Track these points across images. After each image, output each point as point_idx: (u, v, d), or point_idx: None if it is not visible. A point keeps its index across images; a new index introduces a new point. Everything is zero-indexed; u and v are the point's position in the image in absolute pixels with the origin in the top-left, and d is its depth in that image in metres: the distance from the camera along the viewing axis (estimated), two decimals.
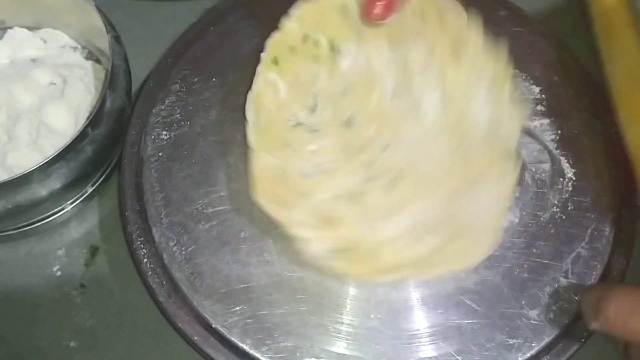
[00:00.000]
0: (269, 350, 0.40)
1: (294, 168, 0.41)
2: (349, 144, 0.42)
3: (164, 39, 0.53)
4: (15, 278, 0.46)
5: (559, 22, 0.55)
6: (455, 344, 0.41)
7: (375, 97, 0.42)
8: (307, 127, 0.42)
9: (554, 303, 0.42)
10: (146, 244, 0.44)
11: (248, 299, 0.42)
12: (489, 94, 0.42)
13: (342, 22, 0.43)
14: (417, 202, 0.40)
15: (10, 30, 0.51)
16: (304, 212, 0.39)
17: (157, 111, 0.47)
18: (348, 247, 0.39)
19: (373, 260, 0.39)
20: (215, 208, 0.45)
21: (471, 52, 0.43)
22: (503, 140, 0.42)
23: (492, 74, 0.42)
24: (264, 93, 0.42)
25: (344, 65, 0.43)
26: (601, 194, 0.46)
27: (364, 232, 0.39)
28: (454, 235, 0.39)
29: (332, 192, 0.40)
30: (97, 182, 0.47)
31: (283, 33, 0.43)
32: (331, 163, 0.41)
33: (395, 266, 0.39)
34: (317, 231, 0.39)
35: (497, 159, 0.41)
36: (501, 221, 0.41)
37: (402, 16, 0.43)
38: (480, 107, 0.42)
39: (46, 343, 0.44)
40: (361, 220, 0.39)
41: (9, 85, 0.47)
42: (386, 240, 0.39)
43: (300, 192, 0.40)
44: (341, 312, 0.42)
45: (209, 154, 0.46)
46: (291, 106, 0.42)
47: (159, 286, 0.43)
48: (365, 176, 0.41)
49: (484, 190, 0.41)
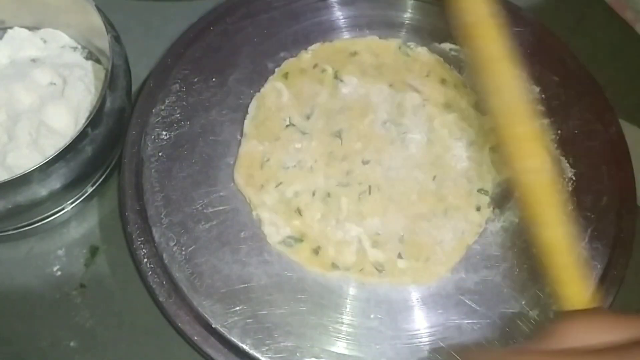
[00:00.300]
0: (269, 350, 0.40)
1: (276, 159, 0.46)
2: (333, 151, 0.46)
3: (164, 39, 0.53)
4: (15, 278, 0.46)
5: (559, 22, 0.55)
6: (455, 344, 0.41)
7: (367, 121, 0.48)
8: (299, 129, 0.47)
9: (554, 303, 0.42)
10: (146, 244, 0.44)
11: (248, 299, 0.42)
12: (467, 150, 0.47)
13: (350, 62, 0.50)
14: (378, 217, 0.44)
15: (10, 30, 0.51)
16: (275, 198, 0.45)
17: (157, 111, 0.47)
18: (299, 237, 0.44)
19: (314, 254, 0.43)
20: (215, 208, 0.45)
21: (456, 117, 0.48)
22: (480, 181, 0.46)
23: (473, 139, 0.47)
24: (268, 95, 0.48)
25: (344, 91, 0.49)
26: (601, 194, 0.46)
27: (318, 228, 0.44)
28: (410, 253, 0.44)
29: (304, 187, 0.45)
30: (97, 182, 0.47)
31: (298, 59, 0.50)
32: (312, 162, 0.46)
33: (332, 265, 0.43)
34: (281, 217, 0.44)
35: (475, 193, 0.46)
36: (465, 247, 0.44)
37: (408, 70, 0.50)
38: (457, 157, 0.47)
39: (46, 343, 0.44)
40: (320, 218, 0.44)
41: (9, 85, 0.47)
42: (335, 241, 0.44)
43: (276, 181, 0.45)
44: (341, 312, 0.42)
45: (209, 154, 0.46)
46: (289, 110, 0.48)
47: (159, 286, 0.43)
48: (340, 181, 0.45)
49: (454, 218, 0.45)
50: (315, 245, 0.44)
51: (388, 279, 0.43)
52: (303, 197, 0.45)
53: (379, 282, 0.43)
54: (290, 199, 0.45)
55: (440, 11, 0.52)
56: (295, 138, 0.47)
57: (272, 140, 0.47)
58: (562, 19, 0.57)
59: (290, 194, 0.45)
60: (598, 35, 0.57)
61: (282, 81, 0.49)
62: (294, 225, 0.44)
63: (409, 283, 0.43)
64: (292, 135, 0.47)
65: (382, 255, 0.43)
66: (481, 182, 0.46)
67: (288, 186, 0.45)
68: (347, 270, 0.43)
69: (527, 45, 0.51)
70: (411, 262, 0.43)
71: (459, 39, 0.42)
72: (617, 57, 0.56)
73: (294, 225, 0.44)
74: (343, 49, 0.50)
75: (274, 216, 0.44)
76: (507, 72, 0.39)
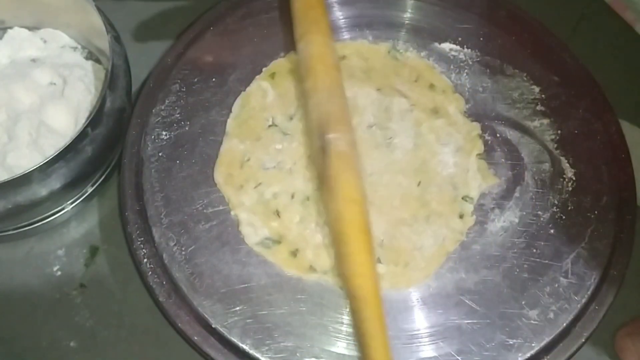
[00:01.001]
0: (269, 350, 0.40)
1: (256, 159, 0.46)
2: (313, 153, 0.45)
3: (164, 39, 0.53)
4: (15, 278, 0.46)
5: (559, 22, 0.55)
6: (455, 344, 0.41)
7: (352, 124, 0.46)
8: (280, 129, 0.47)
9: (554, 303, 0.42)
10: (146, 244, 0.44)
11: (248, 299, 0.42)
12: (454, 156, 0.47)
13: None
14: None
15: (10, 30, 0.51)
16: (253, 199, 0.45)
17: (157, 111, 0.47)
18: (277, 239, 0.44)
19: (292, 256, 0.43)
20: (215, 208, 0.45)
21: (444, 123, 0.48)
22: (465, 188, 0.46)
23: (460, 145, 0.47)
24: (254, 94, 0.48)
25: None
26: (601, 194, 0.46)
27: (296, 230, 0.44)
28: (389, 257, 0.43)
29: (283, 188, 0.45)
30: (97, 182, 0.47)
31: (286, 59, 0.50)
32: (291, 164, 0.46)
33: (309, 268, 0.43)
34: (259, 218, 0.44)
35: (459, 200, 0.45)
36: (445, 253, 0.44)
37: (397, 75, 0.49)
38: (444, 163, 0.47)
39: (46, 343, 0.44)
40: (299, 221, 0.44)
41: (9, 85, 0.47)
42: (313, 244, 0.43)
43: (256, 181, 0.45)
44: (341, 312, 0.42)
45: (209, 154, 0.46)
46: (273, 110, 0.48)
47: (159, 286, 0.43)
48: (319, 185, 0.44)
49: (436, 224, 0.44)
50: (293, 248, 0.43)
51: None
52: (282, 198, 0.45)
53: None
54: (269, 200, 0.45)
55: (441, 11, 0.52)
56: (276, 138, 0.47)
57: (253, 140, 0.46)
58: (562, 19, 0.57)
59: (269, 195, 0.45)
60: (598, 35, 0.57)
61: (268, 81, 0.49)
62: (272, 227, 0.44)
63: (387, 288, 0.42)
64: (273, 136, 0.47)
65: None
66: (466, 189, 0.46)
67: (267, 187, 0.45)
68: (325, 274, 0.43)
69: (527, 45, 0.51)
70: (390, 267, 0.43)
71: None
72: (617, 57, 0.56)
73: (272, 226, 0.44)
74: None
75: (252, 217, 0.44)
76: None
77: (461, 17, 0.52)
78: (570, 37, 0.56)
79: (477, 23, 0.52)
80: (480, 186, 0.46)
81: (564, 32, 0.54)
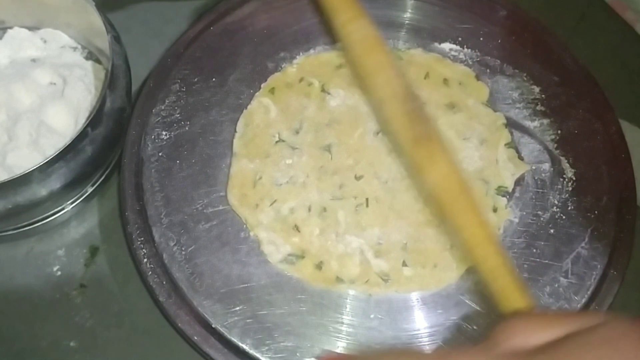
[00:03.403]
0: (269, 350, 0.40)
1: (269, 176, 0.45)
2: (324, 166, 0.46)
3: (164, 39, 0.53)
4: (15, 278, 0.46)
5: (559, 22, 0.55)
6: (455, 344, 0.41)
7: (357, 134, 0.47)
8: (288, 144, 0.47)
9: (554, 303, 0.42)
10: (146, 244, 0.44)
11: (248, 299, 0.42)
12: (479, 149, 0.46)
13: (335, 74, 0.49)
14: (378, 227, 0.44)
15: (10, 30, 0.51)
16: (270, 217, 0.44)
17: (157, 111, 0.47)
18: (300, 254, 0.43)
19: (317, 269, 0.43)
20: (215, 208, 0.45)
21: (463, 117, 0.47)
22: (498, 180, 0.45)
23: (484, 137, 0.47)
24: (256, 112, 0.48)
25: (332, 103, 0.48)
26: (601, 194, 0.46)
27: (318, 243, 0.43)
28: (415, 260, 0.43)
29: (299, 202, 0.45)
30: (97, 182, 0.47)
31: (283, 73, 0.49)
32: (304, 178, 0.45)
33: (336, 279, 0.43)
34: (279, 236, 0.44)
35: (492, 193, 0.45)
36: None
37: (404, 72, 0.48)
38: (468, 158, 0.46)
39: (46, 343, 0.44)
40: (319, 233, 0.44)
41: (9, 85, 0.47)
42: (337, 254, 0.43)
43: (271, 199, 0.45)
44: (341, 312, 0.42)
45: (209, 154, 0.46)
46: (278, 126, 0.47)
47: (159, 286, 0.43)
48: (334, 195, 0.45)
49: None
50: (317, 261, 0.43)
51: (395, 288, 0.42)
52: (299, 213, 0.44)
53: (385, 292, 0.42)
54: (287, 216, 0.44)
55: (440, 11, 0.52)
56: (285, 154, 0.46)
57: (263, 158, 0.46)
58: (562, 19, 0.57)
59: (285, 211, 0.44)
60: (598, 35, 0.57)
61: (268, 97, 0.48)
62: (293, 243, 0.43)
63: (416, 290, 0.42)
64: (282, 151, 0.46)
65: (386, 265, 0.43)
66: (499, 180, 0.45)
67: (283, 203, 0.44)
68: (353, 283, 0.42)
69: (527, 45, 0.51)
70: (417, 269, 0.43)
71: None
72: (617, 57, 0.56)
73: (293, 242, 0.43)
74: (328, 62, 0.49)
75: (272, 235, 0.44)
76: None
77: (461, 17, 0.52)
78: (570, 37, 0.56)
79: (477, 23, 0.51)
80: (513, 175, 0.46)
81: (564, 32, 0.54)
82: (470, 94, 0.48)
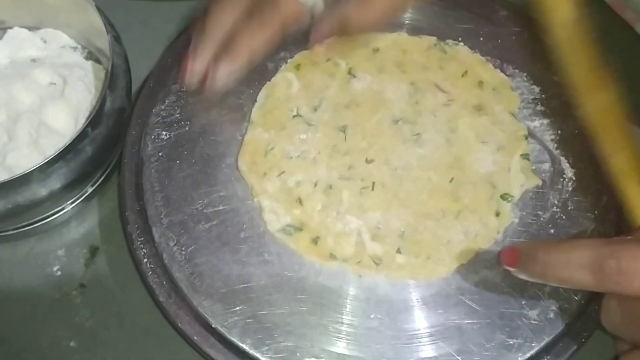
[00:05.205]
0: (269, 350, 0.40)
1: (281, 148, 0.46)
2: (337, 145, 0.46)
3: (164, 39, 0.53)
4: (15, 278, 0.46)
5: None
6: (455, 344, 0.41)
7: (376, 118, 0.48)
8: (305, 120, 0.47)
9: (554, 303, 0.42)
10: (146, 244, 0.44)
11: (248, 299, 0.42)
12: (494, 154, 0.47)
13: (367, 59, 0.50)
14: (380, 211, 0.45)
15: (10, 30, 0.51)
16: (276, 187, 0.45)
17: (157, 111, 0.47)
18: (299, 226, 0.44)
19: (313, 243, 0.44)
20: (215, 208, 0.45)
21: (487, 121, 0.48)
22: (506, 187, 0.46)
23: (502, 144, 0.47)
24: (279, 85, 0.49)
25: (356, 86, 0.49)
26: (601, 194, 0.46)
27: (318, 218, 0.44)
28: (410, 249, 0.43)
29: (307, 177, 0.46)
30: (97, 182, 0.47)
31: (312, 51, 0.50)
32: (315, 154, 0.46)
33: (330, 255, 0.43)
34: (281, 206, 0.45)
35: (497, 198, 0.45)
36: (475, 250, 0.44)
37: (440, 68, 0.49)
38: (481, 160, 0.46)
39: (46, 343, 0.44)
40: (321, 209, 0.45)
41: (9, 85, 0.47)
42: (335, 232, 0.44)
43: (279, 169, 0.46)
44: (341, 312, 0.42)
45: (209, 154, 0.46)
46: (298, 101, 0.48)
47: (159, 286, 0.43)
48: (342, 175, 0.45)
49: (467, 220, 0.44)
50: (314, 235, 0.44)
51: (385, 272, 0.43)
52: (305, 187, 0.45)
53: (375, 274, 0.43)
54: (292, 188, 0.45)
55: (440, 11, 0.52)
56: (300, 129, 0.47)
57: (278, 130, 0.47)
58: None
59: (292, 184, 0.45)
60: (598, 35, 0.57)
61: (293, 72, 0.49)
62: (294, 214, 0.44)
63: (406, 278, 0.43)
64: (297, 126, 0.47)
65: (381, 249, 0.43)
66: (507, 188, 0.45)
67: (290, 175, 0.45)
68: (345, 262, 0.43)
69: (527, 45, 0.51)
70: (410, 258, 0.43)
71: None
72: (617, 57, 0.56)
73: (294, 214, 0.44)
74: (363, 44, 0.50)
75: (274, 204, 0.45)
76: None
77: (461, 17, 0.52)
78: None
79: (477, 23, 0.52)
80: (522, 186, 0.46)
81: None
82: (500, 101, 0.49)
